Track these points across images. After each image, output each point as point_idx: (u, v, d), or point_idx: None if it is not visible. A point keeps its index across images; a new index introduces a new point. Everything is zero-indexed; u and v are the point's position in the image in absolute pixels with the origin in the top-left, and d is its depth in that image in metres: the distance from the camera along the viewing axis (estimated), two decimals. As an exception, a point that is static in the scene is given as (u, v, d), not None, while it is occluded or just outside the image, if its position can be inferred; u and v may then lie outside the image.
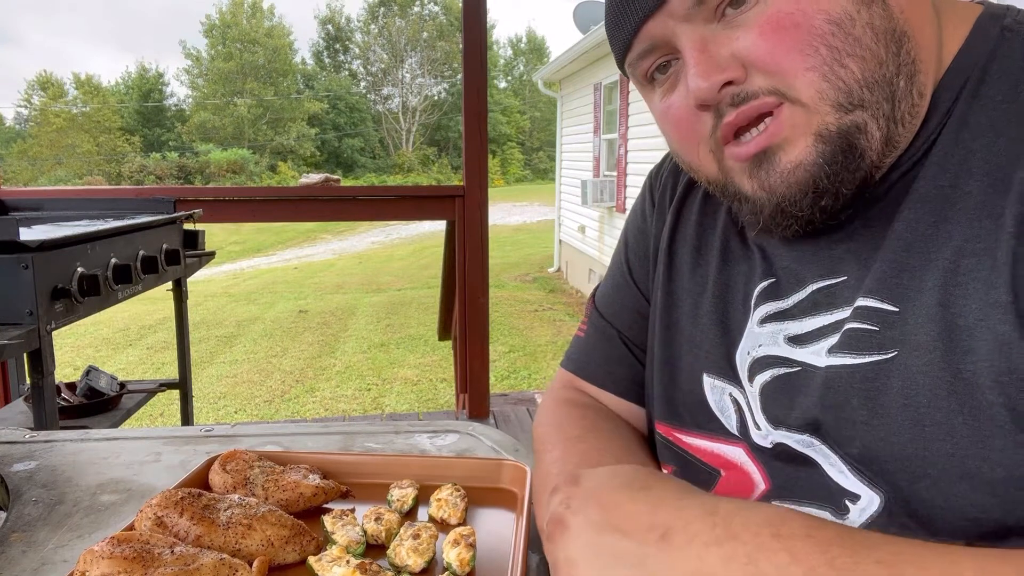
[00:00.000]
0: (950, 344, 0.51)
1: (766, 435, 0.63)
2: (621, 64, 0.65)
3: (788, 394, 0.61)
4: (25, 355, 1.78)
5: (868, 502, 0.55)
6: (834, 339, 0.58)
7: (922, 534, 0.52)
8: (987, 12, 0.59)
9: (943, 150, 0.56)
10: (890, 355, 0.54)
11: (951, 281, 0.52)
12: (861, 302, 0.57)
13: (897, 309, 0.54)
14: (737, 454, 0.66)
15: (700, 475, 0.68)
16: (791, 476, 0.61)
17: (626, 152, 8.42)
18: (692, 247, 0.75)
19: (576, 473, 0.57)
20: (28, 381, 2.48)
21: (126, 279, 2.04)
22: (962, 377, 0.50)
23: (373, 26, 45.81)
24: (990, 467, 0.49)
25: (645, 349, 0.80)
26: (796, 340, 0.62)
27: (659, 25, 0.58)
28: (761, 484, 0.63)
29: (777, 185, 0.58)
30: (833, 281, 0.61)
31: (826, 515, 0.58)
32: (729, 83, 0.56)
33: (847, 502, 0.56)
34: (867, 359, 0.55)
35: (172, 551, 0.62)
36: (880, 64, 0.54)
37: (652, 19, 0.58)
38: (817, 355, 0.60)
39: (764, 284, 0.66)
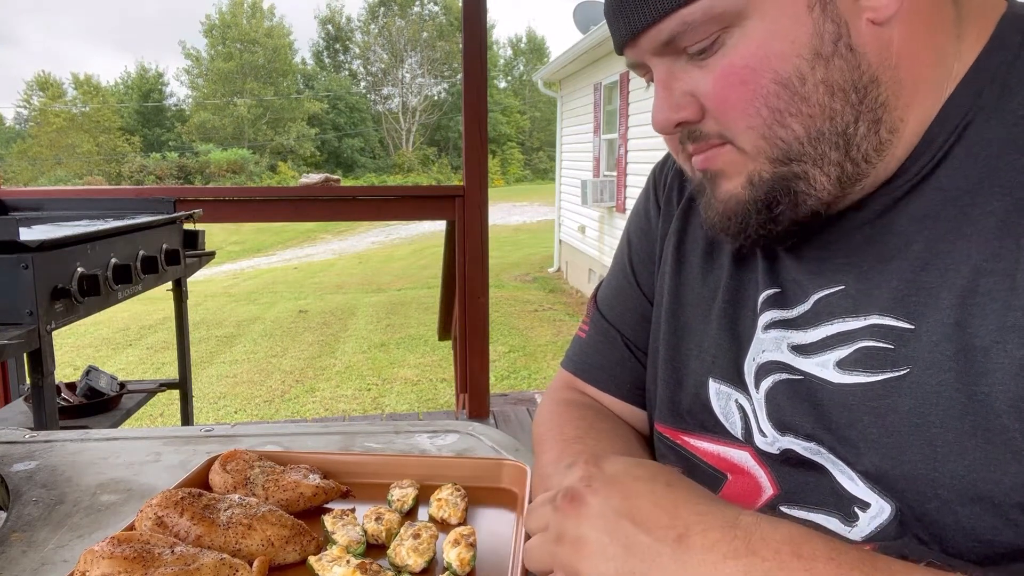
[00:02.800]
0: (965, 364, 0.50)
1: (772, 442, 0.62)
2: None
3: (793, 401, 0.60)
4: (25, 355, 1.78)
5: (879, 510, 0.55)
6: (841, 352, 0.58)
7: (934, 546, 0.52)
8: (1009, 14, 0.57)
9: (958, 164, 0.55)
10: (902, 372, 0.53)
11: (968, 300, 0.51)
12: (877, 320, 0.56)
13: (912, 326, 0.53)
14: (743, 458, 0.65)
15: (706, 478, 0.68)
16: (799, 481, 0.60)
17: (626, 152, 8.42)
18: (703, 252, 0.74)
19: (599, 455, 0.57)
20: (28, 381, 2.48)
21: (126, 279, 2.04)
22: (976, 399, 0.49)
23: (373, 26, 45.83)
24: (1003, 491, 0.48)
25: (647, 351, 0.80)
26: (800, 350, 0.61)
27: (635, 53, 0.62)
28: (769, 489, 0.63)
29: (716, 205, 0.62)
30: (832, 290, 0.60)
31: (835, 522, 0.57)
32: (685, 122, 0.60)
33: (856, 509, 0.56)
34: (879, 376, 0.54)
35: (172, 551, 0.62)
36: (831, 117, 0.54)
37: (628, 48, 0.62)
38: (823, 367, 0.59)
39: (769, 292, 0.66)
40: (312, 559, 0.66)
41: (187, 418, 2.88)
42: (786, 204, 0.57)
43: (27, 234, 1.76)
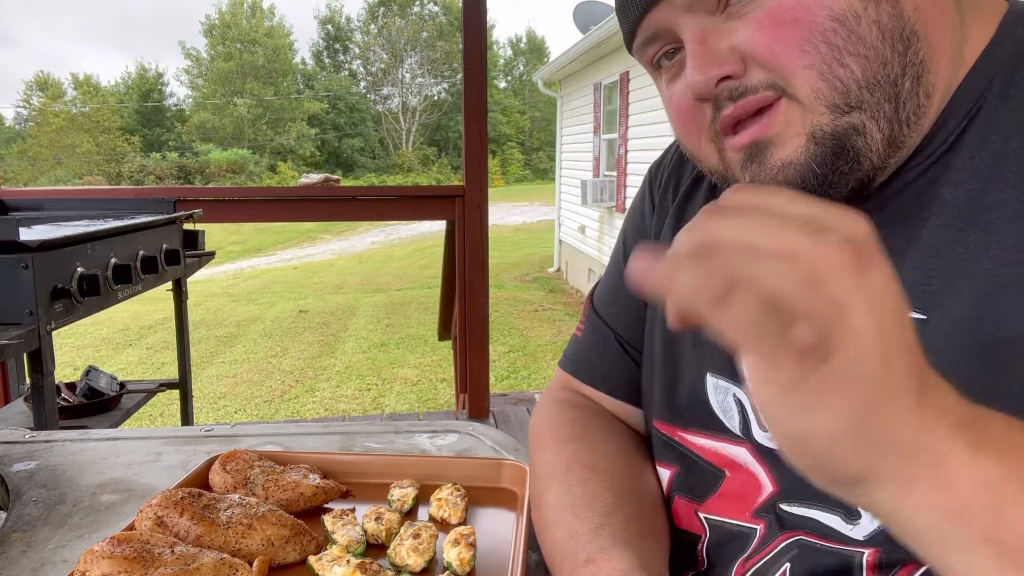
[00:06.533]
0: (986, 356, 0.49)
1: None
2: (629, 48, 0.65)
3: None
4: (25, 355, 1.78)
5: None
6: None
7: None
8: (1013, 11, 0.58)
9: (969, 153, 0.54)
10: None
11: (989, 291, 0.50)
12: None
13: (925, 317, 0.52)
14: (741, 454, 0.65)
15: (705, 475, 0.67)
16: (799, 478, 0.60)
17: (626, 152, 8.42)
18: None
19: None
20: (28, 381, 2.49)
21: (126, 279, 2.04)
22: (997, 393, 0.47)
23: (373, 26, 45.85)
24: None
25: (642, 350, 0.80)
26: None
27: (662, 15, 0.58)
28: (768, 486, 0.62)
29: (766, 182, 0.57)
30: None
31: (837, 520, 0.57)
32: (727, 77, 0.56)
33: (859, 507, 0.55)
34: None
35: (172, 551, 0.62)
36: (884, 64, 0.53)
37: (655, 8, 0.58)
38: None
39: None
40: (312, 559, 0.66)
41: (187, 418, 2.88)
42: (845, 167, 0.54)
43: (27, 234, 1.77)
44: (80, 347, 7.61)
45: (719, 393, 0.67)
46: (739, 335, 0.36)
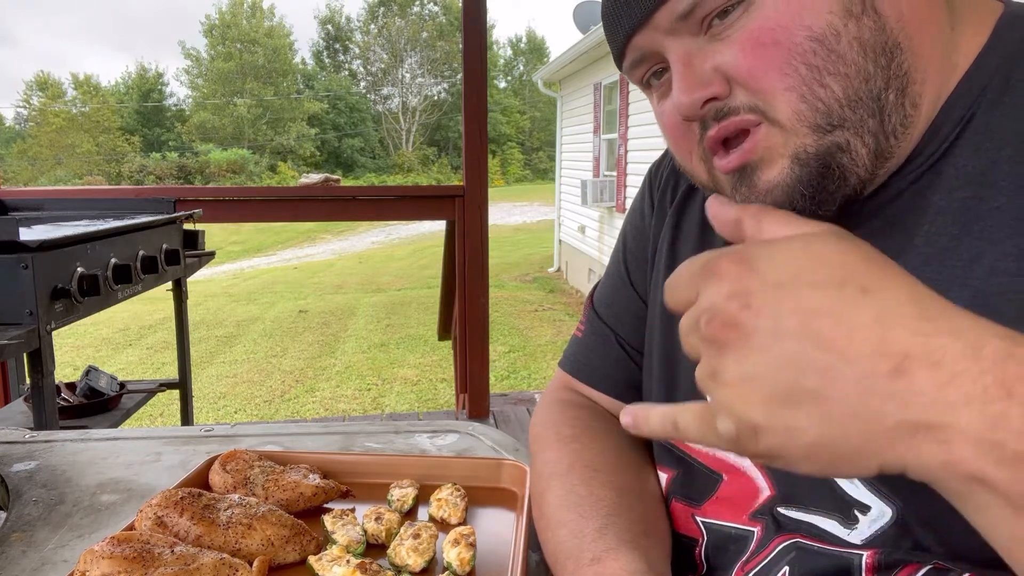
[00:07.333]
0: None
1: None
2: (620, 68, 0.66)
3: None
4: (25, 355, 1.78)
5: (879, 513, 0.54)
6: None
7: (938, 549, 0.51)
8: (1008, 14, 0.57)
9: (963, 160, 0.54)
10: None
11: (982, 302, 0.49)
12: None
13: None
14: (740, 458, 0.65)
15: (702, 479, 0.68)
16: (798, 482, 0.60)
17: (626, 152, 8.42)
18: (695, 248, 0.73)
19: (749, 255, 0.55)
20: (28, 381, 2.48)
21: (126, 279, 2.04)
22: None
23: (373, 26, 45.87)
24: None
25: (642, 351, 0.80)
26: None
27: (646, 38, 0.59)
28: (766, 490, 0.62)
29: (756, 203, 0.57)
30: None
31: (834, 523, 0.57)
32: (713, 98, 0.56)
33: (856, 512, 0.55)
34: None
35: (172, 551, 0.62)
36: (867, 79, 0.53)
37: (639, 33, 0.59)
38: None
39: None
40: (312, 559, 0.66)
41: (187, 418, 2.88)
42: (832, 185, 0.54)
43: (27, 234, 1.77)
44: (80, 347, 7.61)
45: None
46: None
